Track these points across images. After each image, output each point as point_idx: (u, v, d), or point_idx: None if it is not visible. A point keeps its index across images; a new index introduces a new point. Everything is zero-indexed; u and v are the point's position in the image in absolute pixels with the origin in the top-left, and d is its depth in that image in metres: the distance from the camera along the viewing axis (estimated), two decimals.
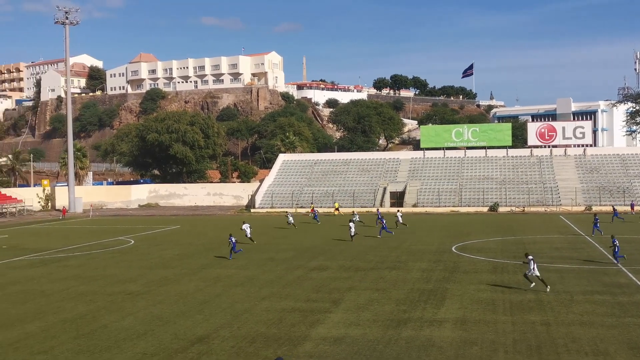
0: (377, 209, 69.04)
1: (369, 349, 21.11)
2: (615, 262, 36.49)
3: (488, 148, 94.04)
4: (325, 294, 30.12)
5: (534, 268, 29.19)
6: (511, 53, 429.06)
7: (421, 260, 39.49)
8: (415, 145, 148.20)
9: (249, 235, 48.20)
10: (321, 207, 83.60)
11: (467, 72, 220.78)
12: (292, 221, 62.11)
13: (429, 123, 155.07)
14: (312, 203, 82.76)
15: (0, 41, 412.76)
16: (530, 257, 29.69)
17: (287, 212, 70.69)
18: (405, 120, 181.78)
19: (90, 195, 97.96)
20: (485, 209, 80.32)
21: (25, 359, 20.79)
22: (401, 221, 59.42)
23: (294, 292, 30.76)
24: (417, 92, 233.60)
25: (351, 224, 50.98)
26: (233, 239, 41.64)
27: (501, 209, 79.51)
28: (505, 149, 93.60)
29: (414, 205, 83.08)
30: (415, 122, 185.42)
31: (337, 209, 78.97)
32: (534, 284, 29.59)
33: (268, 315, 26.01)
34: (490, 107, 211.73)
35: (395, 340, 21.95)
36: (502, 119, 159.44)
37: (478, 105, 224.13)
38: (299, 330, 23.51)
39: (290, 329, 23.79)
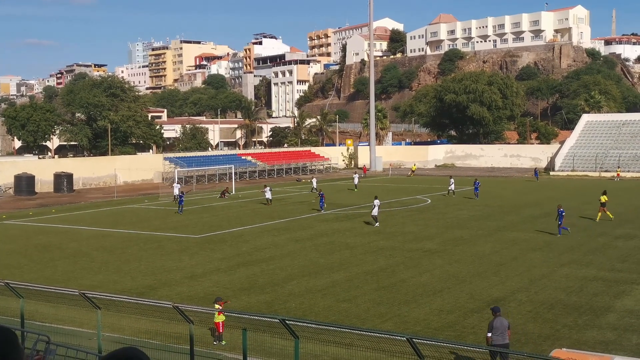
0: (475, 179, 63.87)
1: None
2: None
3: None
4: (632, 264, 28.13)
5: None
6: None
7: None
8: None
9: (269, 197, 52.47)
10: (629, 171, 77.69)
11: None
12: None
13: None
14: (618, 167, 77.30)
15: (312, 10, 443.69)
16: None
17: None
18: None
19: (389, 154, 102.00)
20: None
21: (332, 305, 22.47)
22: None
23: (596, 260, 29.17)
24: None
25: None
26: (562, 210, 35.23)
27: None
28: None
29: None
30: None
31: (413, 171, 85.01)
32: None
33: (568, 282, 25.03)
34: None
35: None
36: None
37: None
38: (601, 300, 22.31)
39: (592, 298, 22.67)
